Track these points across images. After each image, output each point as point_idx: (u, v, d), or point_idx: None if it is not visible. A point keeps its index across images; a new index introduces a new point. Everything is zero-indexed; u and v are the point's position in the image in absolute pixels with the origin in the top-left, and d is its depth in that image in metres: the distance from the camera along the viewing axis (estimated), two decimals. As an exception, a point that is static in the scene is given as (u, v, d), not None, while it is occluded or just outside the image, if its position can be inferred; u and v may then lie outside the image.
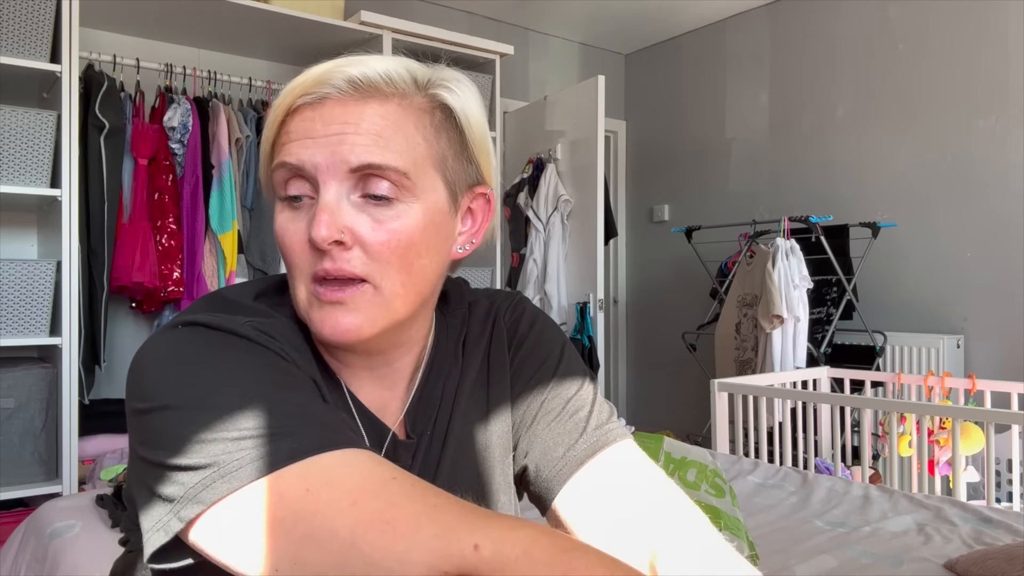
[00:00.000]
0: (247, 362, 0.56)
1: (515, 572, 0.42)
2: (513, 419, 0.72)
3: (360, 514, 0.46)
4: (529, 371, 0.72)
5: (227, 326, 0.57)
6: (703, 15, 4.30)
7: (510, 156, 4.03)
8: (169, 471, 0.50)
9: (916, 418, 2.31)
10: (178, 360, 0.55)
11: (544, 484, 0.69)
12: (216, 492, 0.48)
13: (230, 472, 0.48)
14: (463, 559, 0.44)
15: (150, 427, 0.52)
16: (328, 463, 0.49)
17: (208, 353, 0.55)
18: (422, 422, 0.69)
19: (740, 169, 4.24)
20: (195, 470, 0.49)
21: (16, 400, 2.34)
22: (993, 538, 1.61)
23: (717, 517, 1.43)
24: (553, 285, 3.65)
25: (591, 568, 0.42)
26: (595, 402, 0.71)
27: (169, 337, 0.57)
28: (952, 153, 3.34)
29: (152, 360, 0.56)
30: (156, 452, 0.51)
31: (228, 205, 2.78)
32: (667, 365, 4.57)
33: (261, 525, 0.48)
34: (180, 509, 0.49)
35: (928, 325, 3.37)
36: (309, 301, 0.60)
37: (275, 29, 2.94)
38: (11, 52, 2.35)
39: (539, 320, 0.76)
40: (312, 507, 0.47)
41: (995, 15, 3.21)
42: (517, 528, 0.45)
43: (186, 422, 0.51)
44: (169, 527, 0.50)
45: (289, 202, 0.60)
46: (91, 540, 1.54)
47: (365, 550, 0.45)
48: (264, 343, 0.58)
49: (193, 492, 0.49)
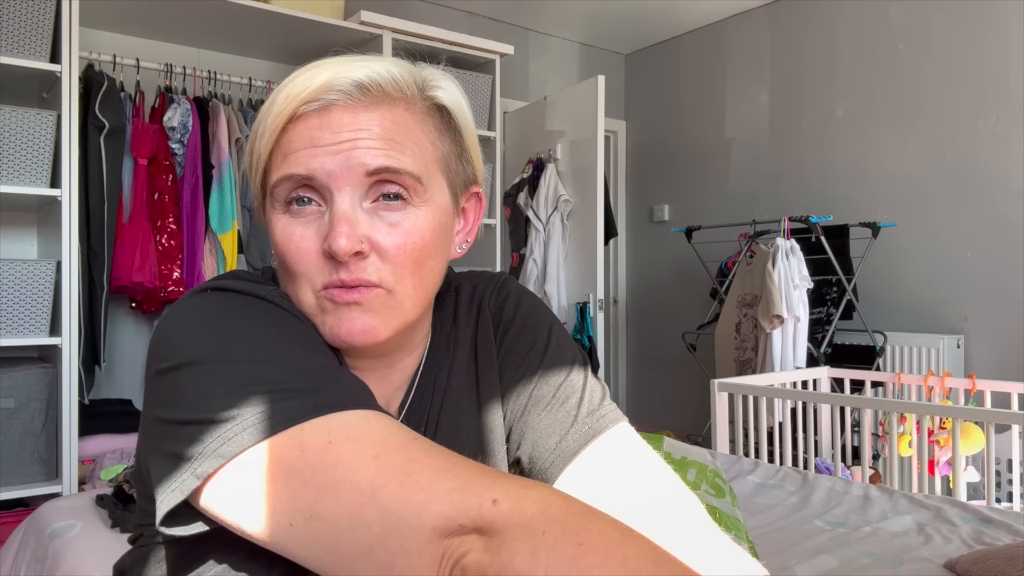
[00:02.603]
0: (273, 322, 0.57)
1: (531, 528, 0.43)
2: (504, 409, 0.71)
3: (382, 466, 0.46)
4: (516, 359, 0.71)
5: (253, 291, 0.58)
6: (703, 15, 4.30)
7: (510, 156, 4.03)
8: (189, 427, 0.50)
9: (916, 418, 2.31)
10: (204, 320, 0.55)
11: (539, 475, 0.68)
12: (237, 445, 0.48)
13: (252, 425, 0.49)
14: (480, 513, 0.44)
15: (172, 384, 0.53)
16: (350, 419, 0.49)
17: (235, 313, 0.56)
18: (417, 416, 0.69)
19: (740, 169, 4.24)
20: (216, 424, 0.49)
21: (16, 400, 2.34)
22: (993, 538, 1.61)
23: (717, 517, 1.43)
24: (553, 285, 3.65)
25: (605, 531, 0.43)
26: (586, 386, 0.70)
27: (198, 300, 0.58)
28: (952, 153, 3.34)
29: (177, 322, 0.56)
30: (177, 410, 0.51)
31: (228, 205, 2.78)
32: (667, 365, 4.57)
33: (279, 477, 0.48)
34: (198, 466, 0.49)
35: (928, 325, 3.37)
36: (320, 306, 0.60)
37: (275, 29, 2.94)
38: (11, 52, 2.34)
39: (524, 302, 0.74)
40: (334, 459, 0.47)
41: (995, 15, 3.21)
42: (535, 488, 0.46)
43: (210, 377, 0.51)
44: (185, 486, 0.49)
45: (290, 209, 0.59)
46: (91, 540, 1.54)
47: (384, 501, 0.45)
48: (288, 308, 0.59)
49: (214, 446, 0.49)
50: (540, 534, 0.42)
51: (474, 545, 0.44)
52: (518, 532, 0.43)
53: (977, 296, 3.25)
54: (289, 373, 0.51)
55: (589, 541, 0.42)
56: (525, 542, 0.42)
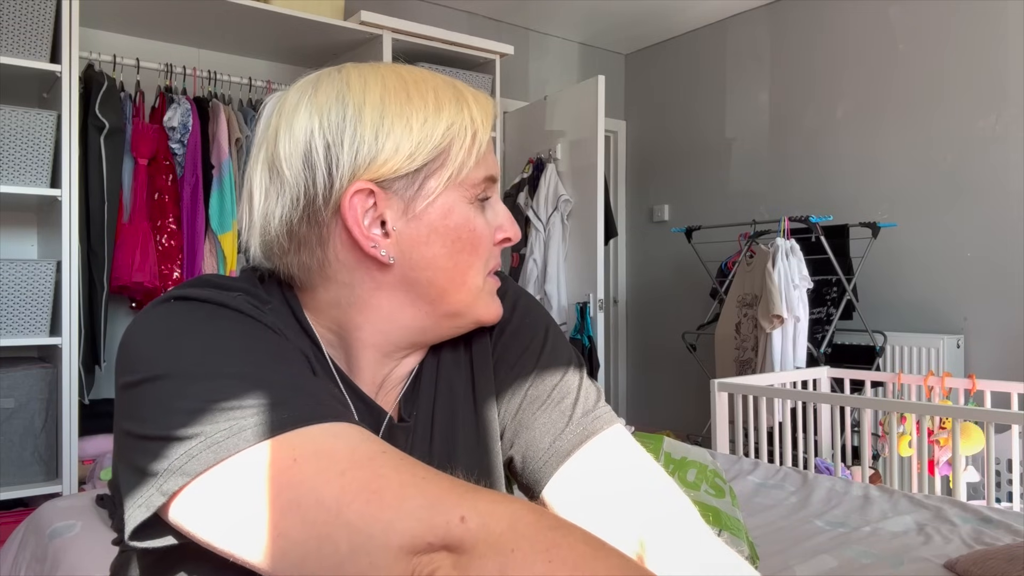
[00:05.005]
0: (238, 333, 0.56)
1: (500, 545, 0.43)
2: (498, 407, 0.71)
3: (348, 484, 0.46)
4: (512, 358, 0.71)
5: (218, 299, 0.57)
6: (703, 15, 4.30)
7: (510, 156, 4.03)
8: (154, 443, 0.49)
9: (916, 418, 2.31)
10: (168, 332, 0.55)
11: (532, 475, 0.68)
12: (201, 463, 0.48)
13: (217, 442, 0.48)
14: (448, 530, 0.44)
15: (138, 400, 0.52)
16: (316, 434, 0.49)
17: (199, 325, 0.55)
18: (411, 404, 0.69)
19: (740, 169, 4.24)
20: (181, 441, 0.48)
21: (16, 400, 2.34)
22: (993, 538, 1.61)
23: (717, 517, 1.43)
24: (553, 285, 3.65)
25: (575, 546, 0.43)
26: (581, 388, 0.70)
27: (162, 310, 0.57)
28: (952, 153, 3.34)
29: (142, 333, 0.56)
30: (143, 425, 0.51)
31: (228, 205, 2.78)
32: (667, 365, 4.57)
33: (246, 495, 0.47)
34: (163, 482, 0.48)
35: (928, 325, 3.37)
36: (484, 288, 0.67)
37: (275, 29, 2.94)
38: (11, 52, 2.34)
39: (521, 303, 0.75)
40: (299, 477, 0.47)
41: (995, 15, 3.21)
42: (504, 503, 0.45)
43: (174, 393, 0.51)
44: (151, 502, 0.49)
45: (480, 203, 0.65)
46: (91, 540, 1.54)
47: (351, 519, 0.45)
48: (255, 315, 0.58)
49: (178, 464, 0.48)
50: (509, 552, 0.43)
51: (443, 563, 0.44)
52: (486, 550, 0.43)
53: (977, 296, 3.25)
54: (254, 387, 0.51)
55: (559, 558, 0.42)
56: (494, 560, 0.43)
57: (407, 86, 0.62)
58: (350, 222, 0.60)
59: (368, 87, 0.61)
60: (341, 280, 0.63)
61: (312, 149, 0.60)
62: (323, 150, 0.60)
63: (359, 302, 0.64)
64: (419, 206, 0.61)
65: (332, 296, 0.64)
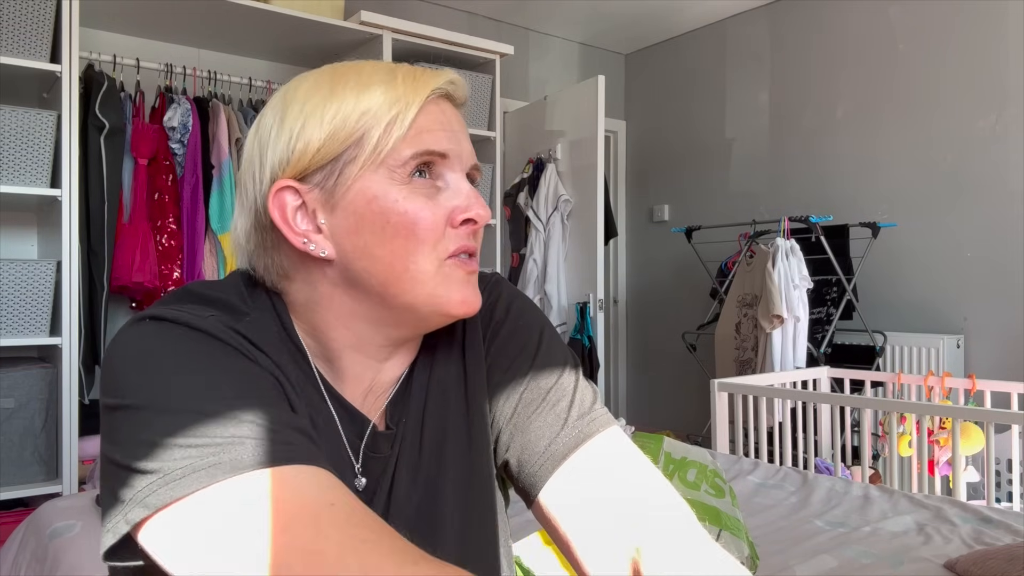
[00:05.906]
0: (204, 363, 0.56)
1: None
2: (492, 410, 0.70)
3: (290, 541, 0.47)
4: (506, 361, 0.70)
5: (191, 322, 0.58)
6: (703, 15, 4.30)
7: (510, 156, 4.03)
8: (123, 471, 0.51)
9: (916, 418, 2.32)
10: (140, 358, 0.56)
11: (527, 479, 0.67)
12: (160, 499, 0.49)
13: (174, 480, 0.49)
14: None
15: (113, 424, 0.53)
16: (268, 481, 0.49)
17: (169, 349, 0.56)
18: (399, 412, 0.68)
19: (740, 169, 4.24)
20: (143, 474, 0.50)
21: (16, 400, 2.35)
22: (993, 538, 1.61)
23: (717, 517, 1.43)
24: (553, 285, 3.65)
25: None
26: (576, 390, 0.69)
27: (135, 332, 0.58)
28: (952, 153, 3.34)
29: (119, 355, 0.57)
30: (116, 450, 0.52)
31: (228, 205, 2.78)
32: (667, 365, 4.57)
33: (197, 534, 0.48)
34: (128, 511, 0.50)
35: (928, 325, 3.37)
36: (443, 274, 0.63)
37: (275, 29, 2.94)
38: (11, 52, 2.34)
39: (515, 304, 0.74)
40: (244, 525, 0.47)
41: (995, 15, 3.21)
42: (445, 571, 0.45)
43: (140, 424, 0.52)
44: (117, 529, 0.50)
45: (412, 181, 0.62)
46: (91, 540, 1.54)
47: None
48: (226, 339, 0.58)
49: (141, 496, 0.49)
50: None
51: None
52: None
53: (977, 296, 3.25)
54: (215, 423, 0.51)
55: None
56: None
57: (334, 81, 0.62)
58: (277, 220, 0.61)
59: (300, 88, 0.63)
60: (301, 279, 0.64)
61: (252, 158, 0.64)
62: (258, 157, 0.63)
63: (324, 300, 0.64)
64: (339, 194, 0.61)
65: (303, 297, 0.65)
